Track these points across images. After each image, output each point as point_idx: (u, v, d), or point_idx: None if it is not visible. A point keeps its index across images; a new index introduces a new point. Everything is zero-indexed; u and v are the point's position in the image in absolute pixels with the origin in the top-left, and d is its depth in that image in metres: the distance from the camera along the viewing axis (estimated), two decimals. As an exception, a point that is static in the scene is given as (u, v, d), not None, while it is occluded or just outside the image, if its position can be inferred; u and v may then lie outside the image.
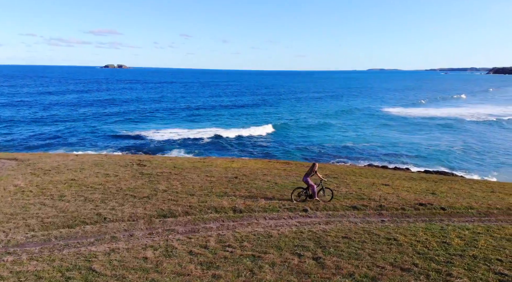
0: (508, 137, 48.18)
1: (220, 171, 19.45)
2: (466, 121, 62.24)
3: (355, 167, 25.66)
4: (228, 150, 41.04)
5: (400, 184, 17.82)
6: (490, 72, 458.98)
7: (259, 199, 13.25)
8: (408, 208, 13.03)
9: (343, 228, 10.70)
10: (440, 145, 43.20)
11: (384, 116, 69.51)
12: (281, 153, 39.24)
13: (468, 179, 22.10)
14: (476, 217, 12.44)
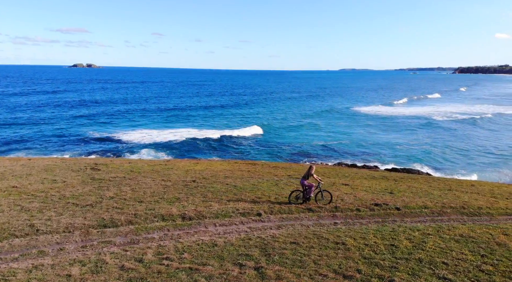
0: (481, 135, 49.85)
1: (180, 174, 18.72)
2: (439, 120, 64.01)
3: (320, 166, 25.56)
4: (198, 151, 40.18)
5: (360, 184, 17.75)
6: (456, 72, 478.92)
7: (213, 204, 12.69)
8: (363, 209, 12.86)
9: (294, 233, 10.31)
10: (413, 143, 44.18)
11: (360, 115, 70.48)
12: (254, 154, 38.82)
13: (428, 177, 22.44)
14: (429, 216, 12.42)
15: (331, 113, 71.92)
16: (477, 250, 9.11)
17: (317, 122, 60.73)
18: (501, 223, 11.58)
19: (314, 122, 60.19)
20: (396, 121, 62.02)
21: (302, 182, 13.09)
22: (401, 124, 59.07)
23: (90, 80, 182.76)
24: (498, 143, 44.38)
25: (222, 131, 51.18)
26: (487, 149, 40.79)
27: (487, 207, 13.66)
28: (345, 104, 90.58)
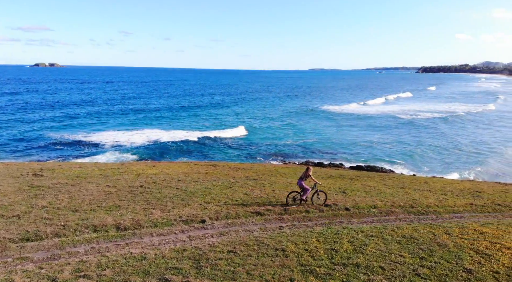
0: (452, 132, 51.38)
1: (129, 178, 17.74)
2: (410, 118, 65.52)
3: (281, 166, 25.26)
4: (164, 153, 38.88)
5: (327, 185, 17.48)
6: (419, 71, 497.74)
7: (154, 212, 11.93)
8: (312, 210, 12.56)
9: (235, 240, 9.78)
10: (384, 142, 44.94)
11: (333, 114, 71.19)
12: (221, 154, 38.07)
13: (385, 174, 22.64)
14: (377, 216, 12.28)
15: (305, 112, 72.17)
16: (417, 252, 8.94)
17: (290, 121, 60.73)
18: (446, 222, 11.59)
19: (288, 122, 60.12)
20: (369, 120, 62.98)
21: (300, 184, 13.02)
22: (373, 123, 60.10)
23: (53, 80, 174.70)
24: (467, 140, 46.05)
25: (192, 132, 50.05)
26: (457, 146, 41.99)
27: (436, 205, 13.75)
28: (319, 103, 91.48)
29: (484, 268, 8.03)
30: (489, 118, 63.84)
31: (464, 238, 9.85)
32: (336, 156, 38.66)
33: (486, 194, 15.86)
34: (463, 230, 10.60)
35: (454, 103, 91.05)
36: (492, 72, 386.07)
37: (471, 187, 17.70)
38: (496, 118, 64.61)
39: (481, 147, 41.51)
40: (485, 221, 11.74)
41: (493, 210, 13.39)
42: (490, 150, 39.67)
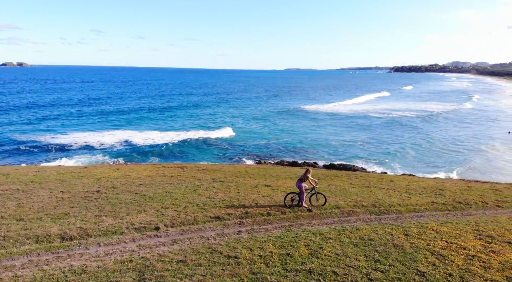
0: (429, 130, 52.53)
1: (88, 183, 16.88)
2: (387, 117, 66.62)
3: (252, 167, 24.88)
4: (136, 156, 37.85)
5: (283, 184, 17.27)
6: (391, 71, 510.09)
7: (106, 219, 11.27)
8: (275, 213, 12.23)
9: (187, 248, 9.29)
10: (359, 140, 45.44)
11: (312, 113, 71.44)
12: (195, 156, 37.34)
13: (352, 173, 22.67)
14: (338, 217, 12.09)
15: (284, 112, 72.02)
16: (372, 254, 8.75)
17: (269, 121, 60.62)
18: (405, 222, 11.53)
19: (267, 121, 59.98)
20: (347, 119, 63.45)
21: (299, 185, 12.88)
22: (351, 122, 60.61)
23: (22, 80, 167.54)
24: (445, 138, 47.13)
25: (166, 133, 49.03)
26: (434, 144, 42.78)
27: (398, 204, 13.74)
28: (298, 103, 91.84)
29: (437, 271, 7.92)
30: (466, 116, 65.78)
31: (421, 239, 9.78)
32: (311, 155, 38.84)
33: (449, 192, 16.05)
34: (421, 230, 10.54)
35: (431, 102, 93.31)
36: (460, 71, 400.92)
37: (434, 185, 17.91)
38: (472, 116, 66.59)
39: (459, 145, 42.67)
40: (444, 220, 11.77)
41: (453, 208, 13.50)
42: (467, 148, 40.76)
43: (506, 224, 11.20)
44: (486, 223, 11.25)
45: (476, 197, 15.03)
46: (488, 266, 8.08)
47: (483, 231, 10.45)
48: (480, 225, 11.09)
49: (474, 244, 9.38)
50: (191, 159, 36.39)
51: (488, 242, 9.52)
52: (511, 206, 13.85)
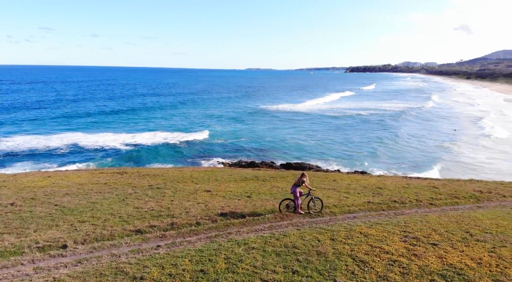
0: (393, 129, 53.90)
1: (7, 194, 15.18)
2: (352, 115, 67.86)
3: (200, 170, 23.87)
4: (78, 160, 35.57)
5: (224, 188, 16.53)
6: (347, 71, 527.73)
7: (7, 238, 9.92)
8: (204, 222, 11.44)
9: (90, 270, 8.24)
10: (323, 139, 45.84)
11: (273, 112, 71.25)
12: (146, 160, 35.70)
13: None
14: (270, 222, 11.54)
15: (252, 113, 71.34)
16: (292, 265, 8.21)
17: (235, 122, 59.93)
18: (336, 225, 11.19)
19: (233, 122, 59.24)
20: (315, 118, 64.01)
21: (294, 190, 12.31)
22: (317, 121, 61.20)
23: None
24: (409, 136, 48.58)
25: (119, 135, 47.05)
26: (397, 141, 44.00)
27: (334, 205, 13.45)
28: (264, 103, 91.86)
29: (355, 280, 7.50)
30: (429, 114, 68.49)
31: (347, 243, 9.42)
32: (271, 154, 38.78)
33: (387, 190, 16.10)
34: (350, 233, 10.22)
35: (393, 101, 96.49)
36: (411, 71, 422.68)
37: (375, 183, 17.99)
38: (436, 114, 69.48)
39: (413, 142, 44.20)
40: (375, 221, 11.57)
41: (387, 207, 13.44)
42: (429, 145, 42.29)
43: (434, 223, 11.19)
44: (415, 223, 11.18)
45: (412, 195, 15.15)
46: (407, 272, 7.80)
47: (410, 232, 10.31)
48: (409, 225, 10.98)
49: (398, 247, 9.14)
50: (144, 163, 34.86)
51: (412, 245, 9.33)
52: (443, 204, 14.05)
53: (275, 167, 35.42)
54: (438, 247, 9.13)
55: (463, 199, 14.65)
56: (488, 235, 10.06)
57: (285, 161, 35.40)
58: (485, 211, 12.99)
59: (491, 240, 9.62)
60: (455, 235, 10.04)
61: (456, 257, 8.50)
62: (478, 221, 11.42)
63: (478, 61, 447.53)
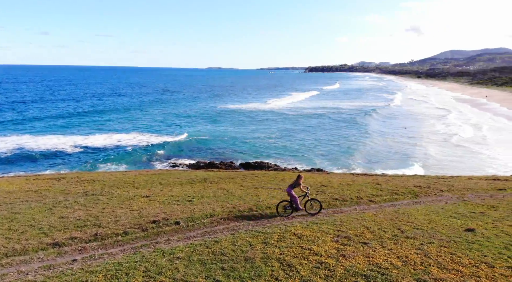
0: (360, 128, 54.62)
1: None
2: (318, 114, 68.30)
3: (147, 173, 22.74)
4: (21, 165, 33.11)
5: (166, 193, 15.72)
6: (306, 71, 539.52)
7: None
8: (133, 231, 10.65)
9: (-15, 293, 7.25)
10: (285, 138, 45.77)
11: (231, 111, 70.39)
12: (94, 164, 33.78)
13: (252, 173, 21.94)
14: (206, 228, 11.00)
15: (212, 112, 70.10)
16: (215, 274, 7.72)
17: (200, 122, 58.67)
18: (273, 226, 10.86)
19: (198, 123, 58.03)
20: (281, 118, 63.93)
21: (289, 192, 12.07)
22: (285, 120, 61.20)
23: None
24: (377, 134, 49.55)
25: (69, 137, 44.59)
26: (363, 140, 44.77)
27: (276, 205, 13.13)
28: (233, 102, 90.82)
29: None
30: (394, 113, 70.58)
31: (278, 246, 9.08)
32: (232, 154, 38.42)
33: (330, 188, 16.10)
34: (283, 235, 9.92)
35: (358, 100, 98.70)
36: (366, 70, 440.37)
37: (321, 181, 18.00)
38: (400, 112, 71.76)
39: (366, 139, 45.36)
40: (312, 220, 11.38)
41: (327, 206, 13.35)
42: (397, 142, 43.46)
43: (369, 221, 11.19)
44: (350, 222, 11.11)
45: (354, 192, 15.23)
46: (332, 275, 7.57)
47: (343, 231, 10.20)
48: (344, 224, 10.89)
49: (328, 248, 8.95)
50: (92, 167, 33.03)
51: (343, 244, 9.19)
52: (382, 200, 14.22)
53: (234, 167, 34.98)
54: (367, 246, 9.05)
55: (402, 195, 14.95)
56: (418, 231, 10.17)
57: (245, 161, 35.13)
58: (421, 206, 13.28)
59: (421, 237, 9.71)
60: (386, 233, 10.05)
61: (383, 256, 8.43)
62: (412, 217, 11.58)
63: (428, 61, 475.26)
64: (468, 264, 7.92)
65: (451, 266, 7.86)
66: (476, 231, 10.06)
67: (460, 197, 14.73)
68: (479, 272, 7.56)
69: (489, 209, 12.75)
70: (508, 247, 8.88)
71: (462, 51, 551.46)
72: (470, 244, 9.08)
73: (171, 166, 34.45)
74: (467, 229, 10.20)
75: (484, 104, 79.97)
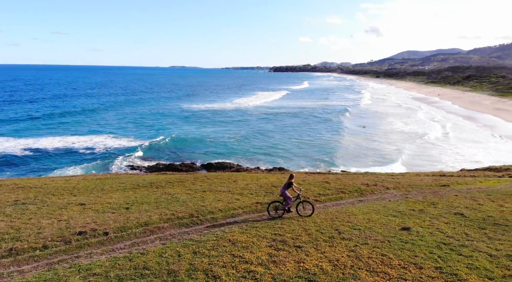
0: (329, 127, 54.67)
1: None
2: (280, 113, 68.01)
3: (89, 178, 21.32)
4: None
5: (105, 199, 14.68)
6: (271, 70, 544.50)
7: None
8: (54, 244, 9.67)
9: None
10: (252, 138, 44.85)
11: (197, 111, 68.79)
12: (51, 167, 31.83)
13: (202, 175, 21.13)
14: (136, 238, 10.22)
15: (179, 112, 68.12)
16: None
17: (165, 123, 56.58)
18: (210, 233, 10.29)
19: (163, 124, 55.88)
20: (251, 118, 63.17)
21: (283, 193, 11.58)
22: (255, 120, 60.54)
23: None
24: (345, 133, 49.81)
25: (17, 140, 41.77)
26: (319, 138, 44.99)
27: (220, 210, 12.58)
28: (197, 102, 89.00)
29: (195, 302, 6.60)
30: (361, 113, 71.66)
31: (209, 255, 8.53)
32: (196, 155, 37.59)
33: (280, 188, 15.76)
34: (218, 242, 9.37)
35: (324, 100, 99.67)
36: (328, 70, 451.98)
37: (274, 181, 17.66)
38: (368, 111, 73.12)
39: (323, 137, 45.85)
40: (252, 224, 10.96)
41: (272, 207, 12.97)
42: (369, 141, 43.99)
43: (309, 223, 10.92)
44: (290, 224, 10.79)
45: (303, 191, 14.99)
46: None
47: (281, 234, 9.84)
48: (283, 227, 10.54)
49: (261, 254, 8.52)
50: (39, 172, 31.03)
51: (277, 249, 8.80)
52: (328, 200, 14.08)
53: (195, 168, 34.10)
54: (301, 250, 8.72)
55: (348, 193, 14.91)
56: (355, 232, 10.01)
57: (207, 162, 34.35)
58: (364, 205, 13.26)
59: (356, 238, 9.54)
60: (324, 235, 9.80)
61: (314, 261, 8.12)
62: (352, 217, 11.46)
63: (386, 61, 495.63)
64: (397, 266, 7.79)
65: (380, 268, 7.68)
66: (411, 229, 10.06)
67: (404, 195, 14.93)
68: (406, 274, 7.42)
69: (429, 206, 12.94)
70: (440, 246, 8.89)
71: (418, 52, 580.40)
72: (404, 244, 9.01)
73: (130, 168, 32.98)
74: (403, 228, 10.18)
75: (436, 102, 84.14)
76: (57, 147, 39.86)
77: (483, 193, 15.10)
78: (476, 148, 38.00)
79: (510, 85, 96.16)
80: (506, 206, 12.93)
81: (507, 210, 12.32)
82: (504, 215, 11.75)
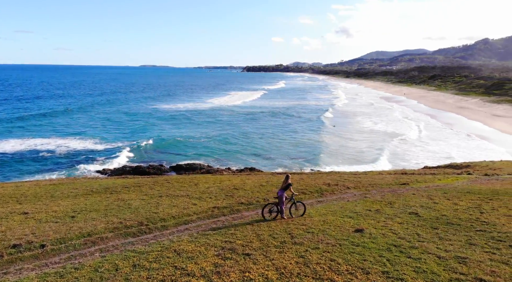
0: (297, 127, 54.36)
1: None
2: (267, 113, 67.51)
3: (41, 183, 20.03)
4: None
5: (50, 208, 13.66)
6: (244, 70, 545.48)
7: None
8: (-19, 261, 8.73)
9: None
10: (225, 138, 43.93)
11: (166, 111, 67.17)
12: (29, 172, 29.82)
13: (162, 178, 20.31)
14: (75, 250, 9.43)
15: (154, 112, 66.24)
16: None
17: (143, 123, 54.81)
18: (156, 243, 9.67)
19: (141, 124, 54.11)
20: (227, 118, 62.19)
21: (280, 194, 11.31)
22: (231, 120, 59.64)
23: None
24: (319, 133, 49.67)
25: None
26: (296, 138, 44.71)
27: (173, 216, 11.95)
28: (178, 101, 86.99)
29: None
30: (336, 112, 72.21)
31: (150, 268, 7.94)
32: (167, 156, 36.68)
33: (242, 191, 15.34)
34: (162, 253, 8.79)
35: (302, 100, 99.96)
36: (300, 70, 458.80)
37: (237, 183, 17.22)
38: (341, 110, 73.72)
39: (295, 137, 45.82)
40: (203, 232, 10.42)
41: (229, 211, 12.52)
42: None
43: (263, 227, 10.56)
44: (244, 230, 10.37)
45: (263, 194, 14.66)
46: (195, 299, 6.63)
47: (231, 242, 9.38)
48: (236, 233, 10.10)
49: (206, 265, 8.02)
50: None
51: (224, 258, 8.33)
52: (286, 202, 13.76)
53: (163, 170, 33.10)
54: (249, 258, 8.30)
55: (309, 194, 14.70)
56: (308, 235, 9.72)
57: (176, 163, 33.46)
58: (322, 206, 13.07)
59: (308, 242, 9.24)
60: (275, 240, 9.44)
61: (261, 269, 7.72)
62: (308, 219, 11.20)
63: (356, 61, 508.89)
64: (344, 272, 7.52)
65: (327, 275, 7.39)
66: (364, 231, 9.89)
67: (363, 194, 14.88)
68: (352, 280, 7.16)
69: (385, 205, 12.91)
70: (390, 248, 8.74)
71: (386, 52, 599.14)
72: (355, 247, 8.80)
73: (96, 172, 31.55)
74: (357, 230, 10.00)
75: (403, 101, 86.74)
76: (19, 150, 37.68)
77: (440, 191, 15.32)
78: (439, 145, 39.25)
79: (472, 84, 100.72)
80: (460, 204, 13.12)
81: (460, 209, 12.48)
82: (458, 213, 11.87)
